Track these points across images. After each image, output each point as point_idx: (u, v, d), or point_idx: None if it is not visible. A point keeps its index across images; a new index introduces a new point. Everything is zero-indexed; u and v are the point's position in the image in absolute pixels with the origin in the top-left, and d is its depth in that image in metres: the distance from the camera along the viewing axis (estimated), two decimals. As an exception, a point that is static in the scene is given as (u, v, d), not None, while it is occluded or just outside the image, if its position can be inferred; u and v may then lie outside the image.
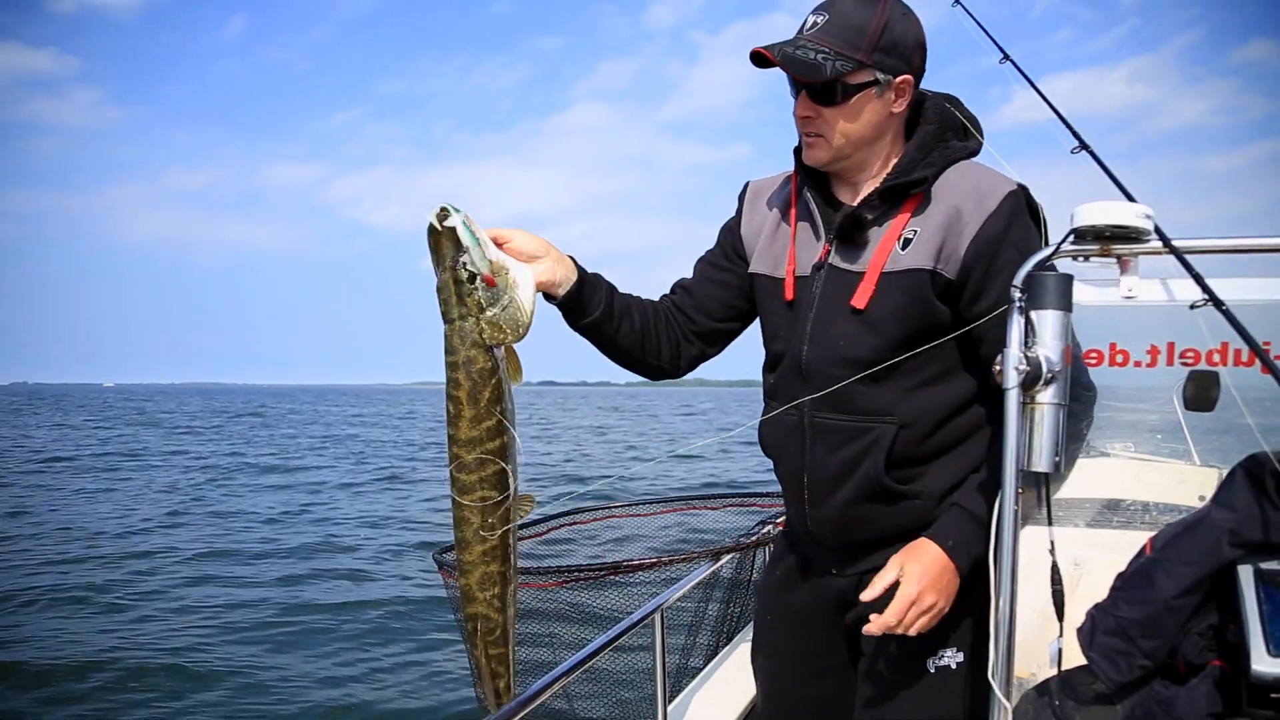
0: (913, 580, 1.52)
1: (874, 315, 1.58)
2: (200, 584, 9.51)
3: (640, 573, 2.87)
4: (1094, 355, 1.62)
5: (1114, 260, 1.52)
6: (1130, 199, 1.59)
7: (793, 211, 1.74)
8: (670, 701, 2.33)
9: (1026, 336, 1.40)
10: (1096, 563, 1.60)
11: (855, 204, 1.64)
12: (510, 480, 1.51)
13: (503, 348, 1.50)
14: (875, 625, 1.52)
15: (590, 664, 1.99)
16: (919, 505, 1.63)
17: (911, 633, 1.53)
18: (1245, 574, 1.29)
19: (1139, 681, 1.41)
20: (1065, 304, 1.40)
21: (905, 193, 1.59)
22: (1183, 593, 1.35)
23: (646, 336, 1.78)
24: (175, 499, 15.98)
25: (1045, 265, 1.47)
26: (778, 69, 1.55)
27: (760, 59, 1.55)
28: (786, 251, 1.72)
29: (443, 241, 1.45)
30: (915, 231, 1.58)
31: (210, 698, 6.24)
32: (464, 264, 1.45)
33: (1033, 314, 1.40)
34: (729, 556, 2.98)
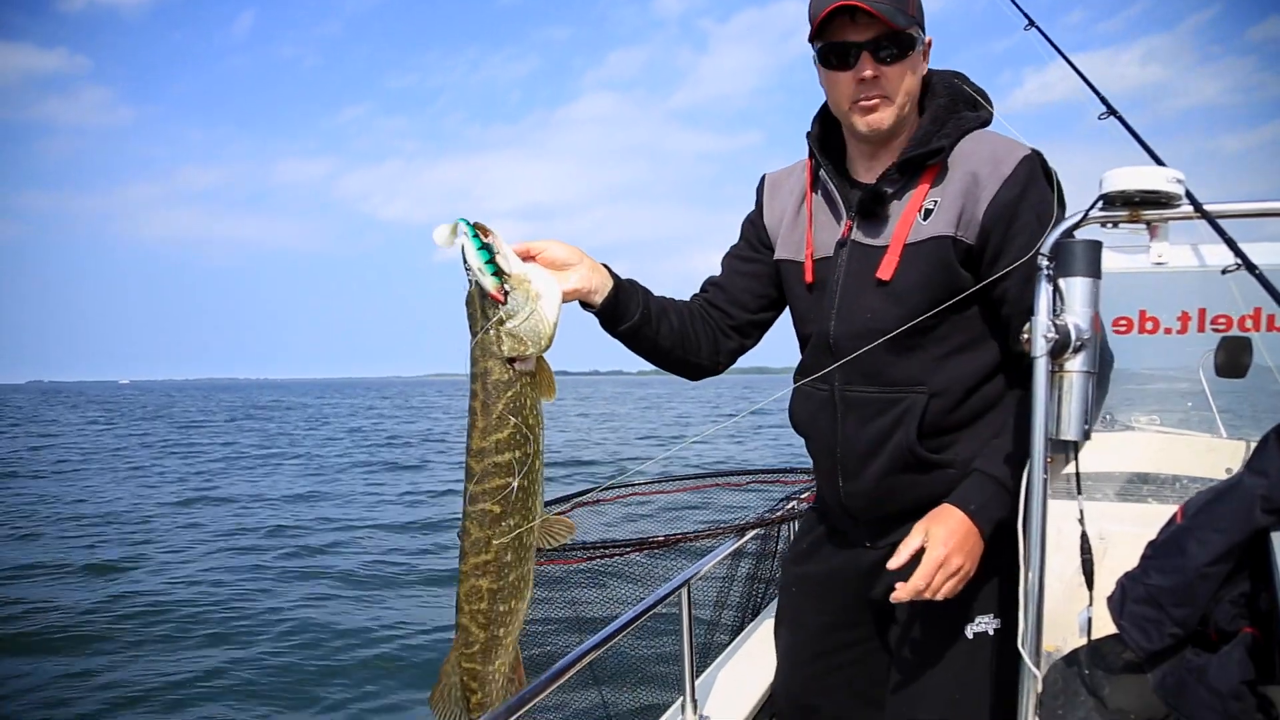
0: (938, 543, 1.52)
1: (899, 286, 1.60)
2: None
3: (665, 549, 2.87)
4: (1123, 322, 1.60)
5: (1144, 226, 1.50)
6: (1160, 163, 1.56)
7: (808, 195, 1.76)
8: (697, 677, 2.34)
9: (1055, 304, 1.39)
10: (1123, 536, 1.59)
11: (875, 180, 1.66)
12: (531, 501, 1.49)
13: (533, 363, 1.48)
14: (904, 590, 1.53)
15: (616, 639, 2.00)
16: (952, 474, 1.63)
17: (940, 596, 1.53)
18: (1278, 541, 1.28)
19: (1170, 650, 1.40)
20: (1094, 271, 1.38)
21: (923, 164, 1.61)
22: (1214, 560, 1.34)
23: (686, 336, 1.81)
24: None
25: (1072, 232, 1.45)
26: (821, 47, 1.59)
27: (836, 13, 1.54)
28: (805, 235, 1.75)
29: (444, 242, 1.46)
30: (936, 201, 1.59)
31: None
32: (476, 283, 1.45)
33: (1061, 281, 1.39)
34: (754, 532, 2.99)
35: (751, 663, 2.61)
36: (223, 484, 17.11)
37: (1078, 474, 1.49)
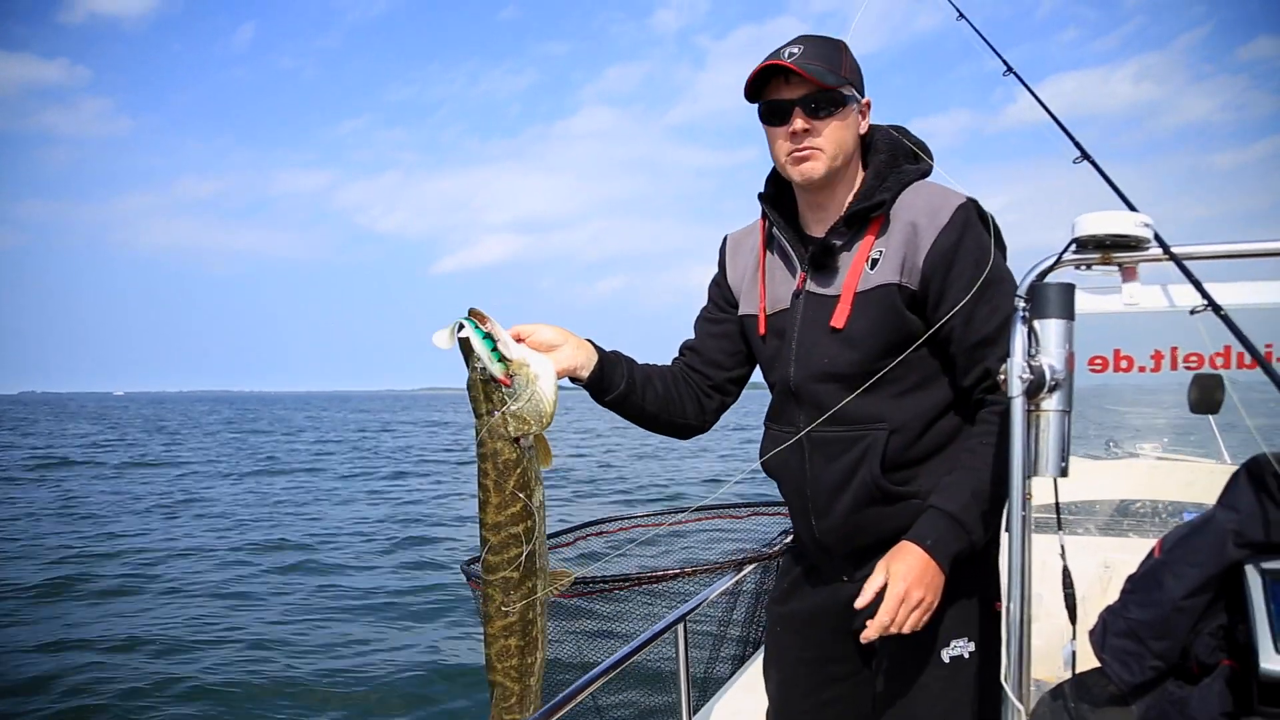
0: (899, 579, 1.58)
1: (852, 332, 1.70)
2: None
3: (664, 583, 2.90)
4: (1098, 361, 1.64)
5: (1116, 268, 1.54)
6: (1131, 207, 1.61)
7: (762, 253, 1.88)
8: (695, 711, 2.36)
9: (1030, 345, 1.43)
10: (1128, 565, 1.62)
11: (824, 234, 1.76)
12: (536, 559, 1.62)
13: (530, 436, 1.60)
14: (872, 628, 1.58)
15: (614, 673, 2.03)
16: (918, 505, 1.70)
17: (906, 629, 1.58)
18: (1252, 574, 1.31)
19: (1152, 682, 1.43)
20: (1068, 312, 1.42)
21: (867, 217, 1.71)
22: (1190, 594, 1.37)
23: (670, 400, 1.92)
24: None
25: (1046, 275, 1.50)
26: (760, 106, 1.72)
27: (766, 75, 1.69)
28: (759, 290, 1.86)
29: (446, 345, 1.58)
30: (881, 251, 1.70)
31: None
32: (480, 369, 1.56)
33: (1036, 323, 1.43)
34: (752, 566, 3.01)
35: (751, 696, 2.62)
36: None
37: (1058, 508, 1.52)
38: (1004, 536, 1.48)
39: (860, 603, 1.60)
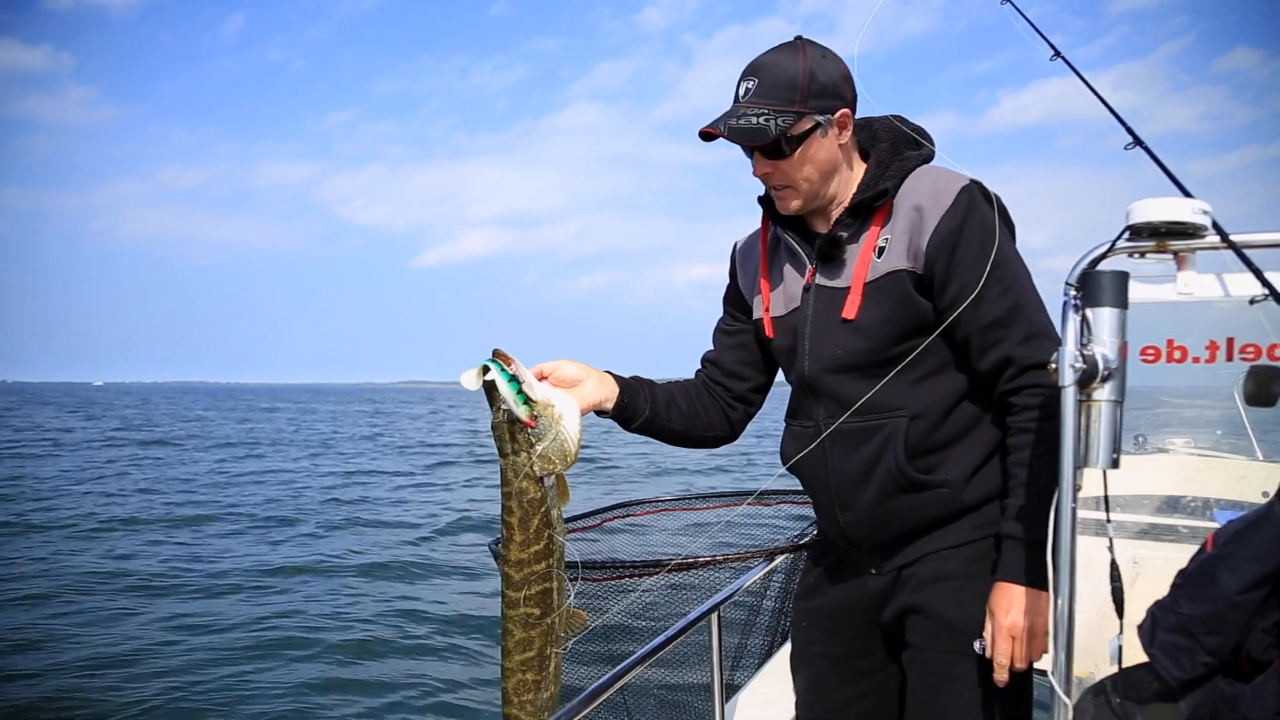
0: (1004, 631, 1.59)
1: (864, 322, 1.69)
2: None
3: (693, 570, 2.88)
4: (1150, 351, 1.61)
5: (1170, 256, 1.51)
6: (1186, 194, 1.58)
7: (764, 255, 1.88)
8: (727, 700, 2.35)
9: (1082, 333, 1.40)
10: (1156, 561, 1.59)
11: (830, 228, 1.75)
12: (562, 598, 1.65)
13: (554, 475, 1.63)
14: (998, 671, 1.61)
15: (647, 664, 2.02)
16: (945, 494, 1.68)
17: (1024, 662, 1.60)
18: None
19: (1202, 679, 1.40)
20: (1121, 301, 1.39)
21: (872, 206, 1.70)
22: (1246, 589, 1.34)
23: (695, 415, 1.95)
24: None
25: (1099, 262, 1.47)
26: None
27: (709, 135, 1.68)
28: (764, 292, 1.87)
29: (473, 387, 1.59)
30: (887, 239, 1.69)
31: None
32: (505, 411, 1.59)
33: (1088, 311, 1.40)
34: (783, 556, 2.99)
35: (782, 687, 2.61)
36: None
37: (1106, 501, 1.49)
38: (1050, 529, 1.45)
39: (988, 652, 1.62)
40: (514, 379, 1.59)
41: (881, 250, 1.68)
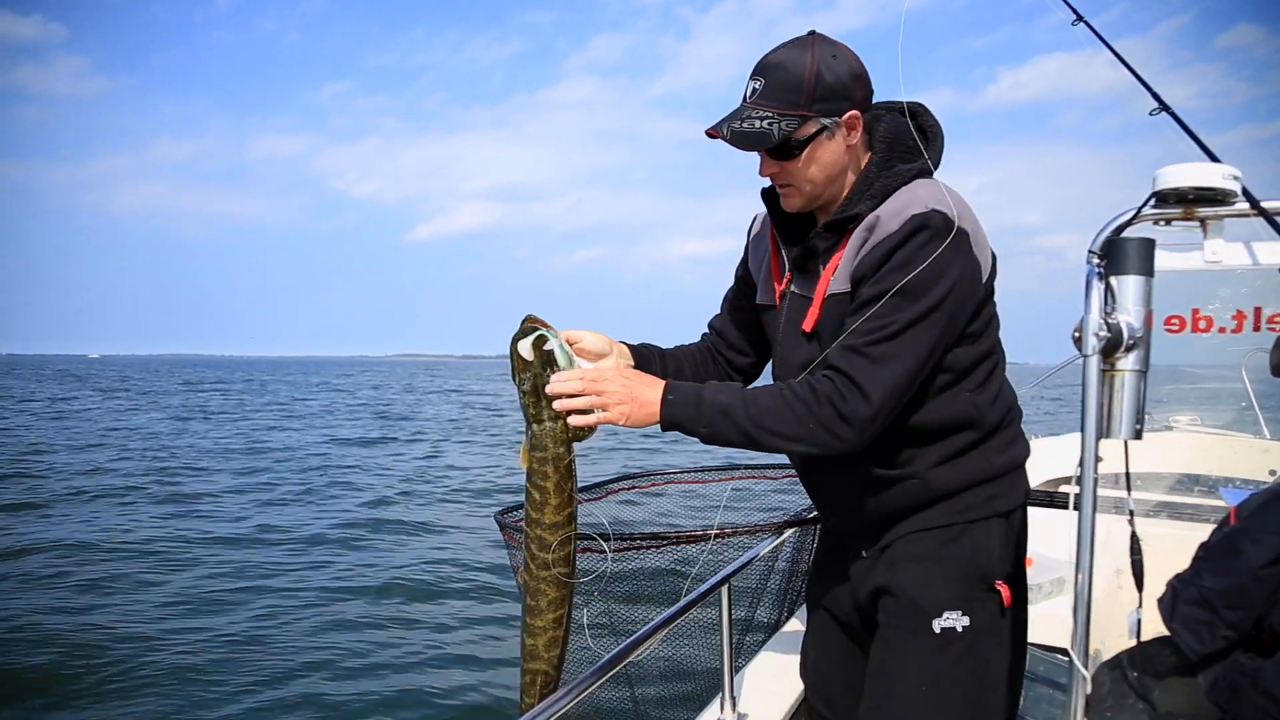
0: (609, 376, 1.60)
1: (821, 336, 1.67)
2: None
3: (702, 543, 2.87)
4: (1175, 321, 1.58)
5: (1197, 224, 1.47)
6: (1214, 159, 1.54)
7: (773, 246, 1.86)
8: (736, 673, 2.34)
9: (1106, 302, 1.37)
10: (1164, 538, 1.57)
11: (809, 237, 1.73)
12: (574, 556, 1.74)
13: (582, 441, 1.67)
14: (551, 385, 1.59)
15: (658, 636, 2.02)
16: (916, 484, 1.68)
17: (572, 405, 1.59)
18: None
19: (1222, 653, 1.39)
20: (1147, 269, 1.36)
21: (845, 226, 1.66)
22: (1270, 562, 1.32)
23: (700, 382, 1.89)
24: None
25: (1124, 229, 1.43)
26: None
27: (715, 135, 1.65)
28: (772, 283, 1.86)
29: (531, 356, 1.61)
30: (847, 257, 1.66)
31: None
32: (548, 375, 1.60)
33: (1113, 279, 1.37)
34: (792, 530, 2.98)
35: (789, 659, 2.61)
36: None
37: (1128, 473, 1.47)
38: (1069, 512, 1.43)
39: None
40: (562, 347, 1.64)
41: (840, 267, 1.66)
